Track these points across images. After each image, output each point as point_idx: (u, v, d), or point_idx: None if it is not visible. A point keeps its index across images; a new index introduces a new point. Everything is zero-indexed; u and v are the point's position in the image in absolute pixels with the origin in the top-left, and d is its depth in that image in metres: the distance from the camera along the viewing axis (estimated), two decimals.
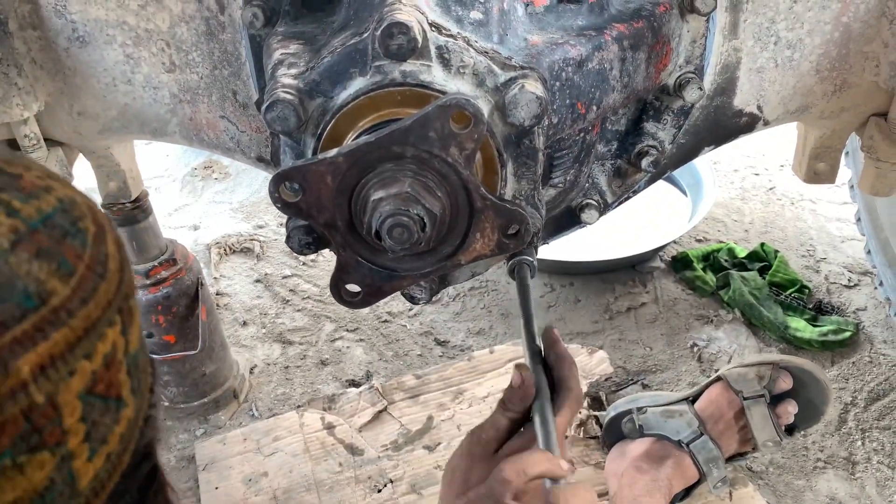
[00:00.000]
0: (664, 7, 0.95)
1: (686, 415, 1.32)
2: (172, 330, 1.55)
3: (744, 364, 1.35)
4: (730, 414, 1.30)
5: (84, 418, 0.38)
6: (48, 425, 0.36)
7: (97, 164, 1.27)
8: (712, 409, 1.31)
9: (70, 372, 0.37)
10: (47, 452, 0.36)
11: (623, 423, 1.37)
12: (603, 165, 1.10)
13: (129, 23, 1.04)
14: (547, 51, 0.83)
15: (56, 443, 0.36)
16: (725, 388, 1.32)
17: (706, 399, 1.33)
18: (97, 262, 0.39)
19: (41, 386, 0.35)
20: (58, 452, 0.37)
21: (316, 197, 0.74)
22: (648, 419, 1.34)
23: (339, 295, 0.82)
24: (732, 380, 1.32)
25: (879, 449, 1.54)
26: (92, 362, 0.38)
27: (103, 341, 0.39)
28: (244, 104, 1.08)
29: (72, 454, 0.37)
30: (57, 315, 0.36)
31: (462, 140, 0.71)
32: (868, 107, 1.12)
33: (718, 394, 1.32)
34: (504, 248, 0.78)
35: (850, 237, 2.11)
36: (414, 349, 1.88)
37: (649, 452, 1.30)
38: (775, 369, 1.31)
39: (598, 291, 1.99)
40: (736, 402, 1.30)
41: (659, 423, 1.33)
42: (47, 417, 0.36)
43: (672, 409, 1.34)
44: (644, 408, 1.36)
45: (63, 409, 0.37)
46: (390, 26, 0.70)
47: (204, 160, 2.66)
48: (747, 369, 1.33)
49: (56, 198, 0.39)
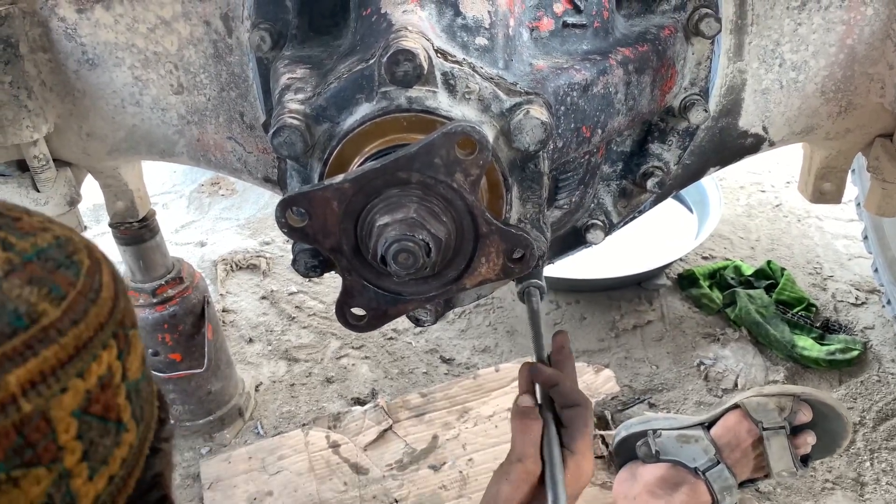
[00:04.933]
0: (669, 30, 0.96)
1: (702, 441, 1.31)
2: (178, 348, 1.55)
3: (763, 394, 1.34)
4: (747, 443, 1.30)
5: (80, 436, 0.39)
6: (42, 440, 0.37)
7: (105, 184, 1.28)
8: (729, 437, 1.31)
9: (62, 388, 0.38)
10: (43, 468, 0.37)
11: (638, 446, 1.35)
12: (608, 186, 1.10)
13: (137, 46, 1.05)
14: (552, 76, 0.83)
15: (52, 459, 0.37)
16: (744, 417, 1.31)
17: (723, 426, 1.32)
18: (90, 289, 0.41)
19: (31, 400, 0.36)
20: (54, 469, 0.37)
21: (322, 222, 0.74)
22: (664, 443, 1.33)
23: (345, 318, 0.82)
24: (751, 409, 1.31)
25: (888, 470, 1.53)
26: (85, 381, 0.39)
27: (97, 362, 0.40)
28: (251, 125, 1.09)
29: (69, 472, 0.38)
30: (46, 333, 0.38)
31: (467, 166, 0.71)
32: (873, 128, 1.12)
33: (736, 422, 1.31)
34: (509, 272, 0.78)
35: (857, 255, 2.11)
36: (419, 367, 1.88)
37: (664, 478, 1.29)
38: (796, 401, 1.31)
39: (604, 309, 1.99)
40: (754, 432, 1.30)
41: (675, 448, 1.32)
42: (40, 432, 0.37)
43: (687, 433, 1.33)
44: (658, 431, 1.35)
45: (56, 424, 0.37)
46: (396, 53, 0.71)
47: (211, 177, 2.68)
48: (767, 399, 1.32)
49: (52, 235, 0.41)
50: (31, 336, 0.37)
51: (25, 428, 0.36)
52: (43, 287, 0.39)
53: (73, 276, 0.40)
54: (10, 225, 0.40)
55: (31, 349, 0.37)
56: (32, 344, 0.37)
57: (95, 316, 0.41)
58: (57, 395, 0.38)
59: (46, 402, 0.37)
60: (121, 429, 0.41)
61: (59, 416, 0.38)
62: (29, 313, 0.38)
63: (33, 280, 0.38)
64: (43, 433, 0.37)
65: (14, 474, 0.36)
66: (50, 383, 0.37)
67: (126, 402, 0.42)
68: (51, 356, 0.38)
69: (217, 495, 1.51)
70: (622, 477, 1.38)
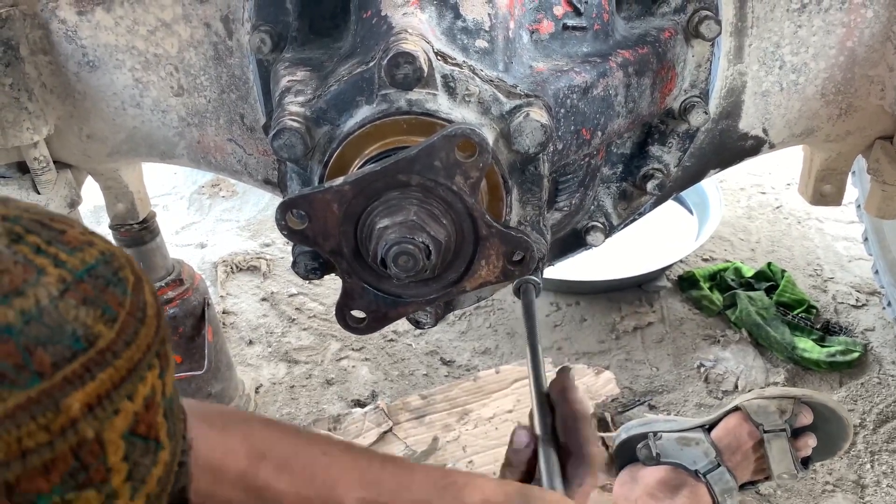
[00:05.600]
0: (669, 33, 0.96)
1: (703, 443, 1.31)
2: (178, 350, 1.55)
3: (764, 396, 1.34)
4: (748, 445, 1.30)
5: (126, 457, 0.39)
6: (94, 463, 0.37)
7: (105, 186, 1.28)
8: (730, 439, 1.31)
9: (115, 411, 0.38)
10: (93, 490, 0.37)
11: (638, 448, 1.35)
12: (608, 188, 1.10)
13: (138, 48, 1.05)
14: (552, 78, 0.83)
15: (101, 480, 0.38)
16: (744, 420, 1.31)
17: (723, 429, 1.32)
18: (137, 308, 0.41)
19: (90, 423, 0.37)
20: (103, 491, 0.38)
21: (322, 224, 0.74)
22: (664, 446, 1.33)
23: (345, 321, 0.82)
24: (752, 411, 1.31)
25: (889, 472, 1.53)
26: (134, 403, 0.40)
27: (144, 383, 0.41)
28: (251, 127, 1.09)
29: (115, 493, 0.39)
30: (103, 356, 0.38)
31: (467, 168, 0.71)
32: (873, 130, 1.12)
33: (737, 424, 1.31)
34: (509, 275, 0.78)
35: (857, 257, 2.10)
36: (419, 369, 1.88)
37: (665, 481, 1.29)
38: (797, 404, 1.31)
39: (604, 311, 1.99)
40: (755, 435, 1.30)
41: (675, 450, 1.32)
42: (94, 455, 0.37)
43: (688, 436, 1.33)
44: (659, 433, 1.35)
45: (108, 447, 0.38)
46: (396, 56, 0.71)
47: (211, 178, 2.68)
48: (768, 402, 1.32)
49: (98, 251, 0.42)
50: (89, 359, 0.38)
51: (82, 451, 0.37)
52: (97, 308, 0.39)
53: (122, 295, 0.41)
54: (57, 239, 0.40)
55: (90, 372, 0.37)
56: (91, 367, 0.37)
57: (144, 337, 0.41)
58: (110, 418, 0.38)
59: (101, 424, 0.38)
60: (159, 448, 0.42)
61: (110, 439, 0.38)
62: (87, 336, 0.38)
63: (87, 301, 0.39)
64: (96, 456, 0.37)
65: (68, 497, 0.36)
66: (105, 406, 0.38)
67: (163, 420, 0.42)
68: (106, 379, 0.38)
69: None
70: (622, 479, 1.38)
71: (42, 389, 0.35)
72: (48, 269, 0.38)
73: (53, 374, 0.36)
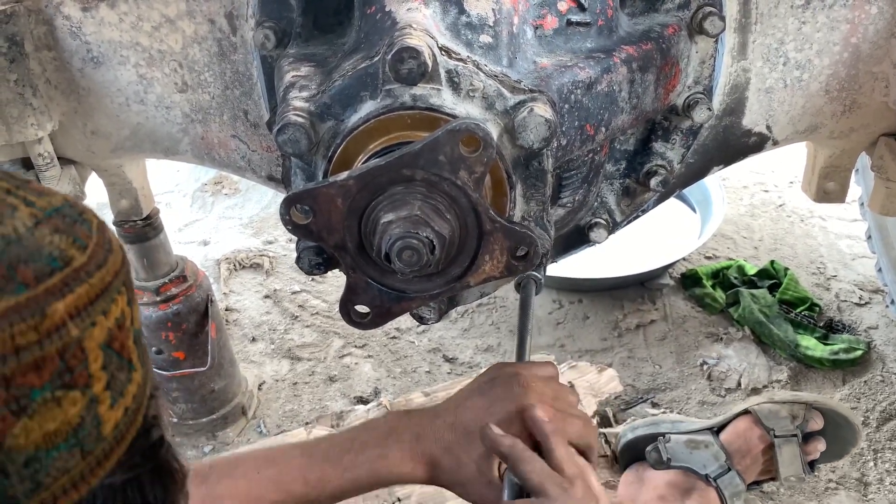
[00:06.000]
0: (673, 29, 0.96)
1: (712, 447, 1.30)
2: (182, 347, 1.55)
3: (774, 401, 1.34)
4: (758, 449, 1.30)
5: (105, 367, 0.44)
6: (78, 367, 0.42)
7: (109, 182, 1.28)
8: (740, 443, 1.30)
9: (93, 323, 0.44)
10: (78, 392, 0.43)
11: (648, 451, 1.34)
12: (612, 185, 1.10)
13: (142, 44, 1.05)
14: (556, 73, 0.83)
15: (84, 384, 0.43)
16: (755, 424, 1.31)
17: (733, 432, 1.32)
18: (104, 241, 0.47)
19: (72, 329, 0.42)
20: (87, 394, 0.43)
21: (326, 219, 0.74)
22: (672, 448, 1.32)
23: (349, 316, 0.83)
24: (763, 416, 1.31)
25: (892, 470, 1.52)
26: (108, 320, 0.45)
27: (115, 304, 0.46)
28: (255, 124, 1.09)
29: (97, 398, 0.44)
30: (78, 274, 0.43)
31: (471, 163, 0.71)
32: (878, 127, 1.11)
33: (747, 428, 1.31)
34: (513, 269, 0.78)
35: (860, 255, 2.10)
36: (422, 366, 1.88)
37: (674, 484, 1.29)
38: (808, 409, 1.31)
39: (607, 308, 1.99)
40: (766, 439, 1.30)
41: (684, 453, 1.31)
42: (77, 359, 0.42)
43: (697, 439, 1.32)
44: (668, 436, 1.34)
45: (89, 354, 0.43)
46: (401, 51, 0.71)
47: (214, 175, 2.68)
48: (779, 407, 1.32)
49: (62, 197, 0.47)
50: (66, 275, 0.43)
51: (66, 354, 0.42)
52: (69, 237, 0.44)
53: (88, 230, 0.46)
54: (25, 186, 0.46)
55: (68, 286, 0.42)
56: (69, 282, 0.43)
57: (112, 263, 0.46)
58: (89, 328, 0.43)
59: (82, 332, 0.43)
60: (132, 368, 0.47)
61: (90, 347, 0.43)
62: (62, 257, 0.43)
63: (59, 230, 0.44)
64: (79, 360, 0.43)
65: (57, 394, 0.41)
66: (84, 317, 0.43)
67: (134, 346, 0.48)
68: (83, 294, 0.43)
69: None
70: (628, 479, 1.37)
71: (29, 297, 0.40)
72: (20, 207, 0.43)
73: (37, 286, 0.41)
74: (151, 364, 0.53)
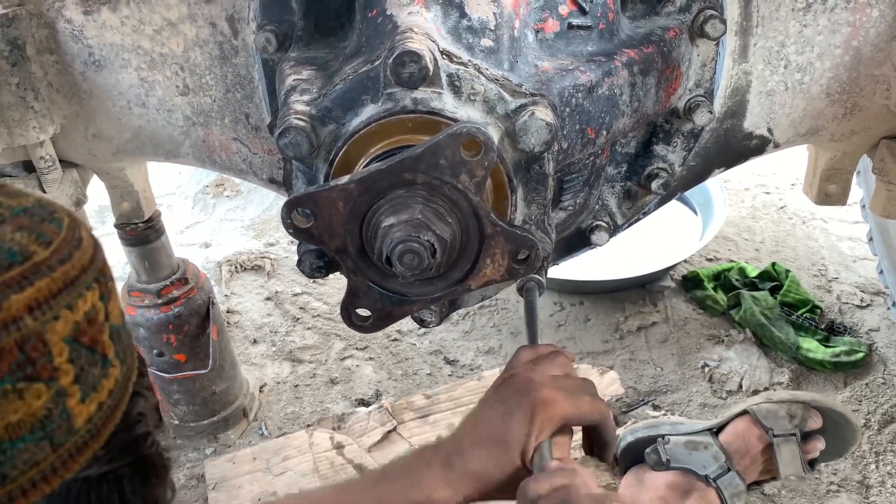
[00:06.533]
0: (674, 32, 0.96)
1: (711, 447, 1.31)
2: (183, 349, 1.55)
3: (773, 400, 1.34)
4: (757, 449, 1.30)
5: (72, 361, 0.44)
6: (40, 358, 0.43)
7: (111, 185, 1.28)
8: (739, 443, 1.30)
9: (54, 316, 0.43)
10: (42, 384, 0.43)
11: (647, 453, 1.35)
12: (613, 187, 1.10)
13: (144, 47, 1.05)
14: (557, 77, 0.83)
15: (49, 377, 0.43)
16: (754, 424, 1.31)
17: (732, 433, 1.32)
18: (72, 238, 0.47)
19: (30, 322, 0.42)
20: (52, 387, 0.43)
21: (327, 223, 0.74)
22: (672, 450, 1.32)
23: (350, 319, 0.83)
24: (762, 416, 1.31)
25: (894, 472, 1.52)
26: (74, 314, 0.45)
27: (83, 300, 0.46)
28: (257, 127, 1.09)
29: (65, 391, 0.44)
30: (38, 268, 0.44)
31: (472, 167, 0.71)
32: (879, 129, 1.12)
33: (746, 428, 1.31)
34: (514, 273, 0.78)
35: (862, 257, 2.10)
36: (423, 368, 1.88)
37: (674, 485, 1.29)
38: (806, 408, 1.31)
39: (608, 310, 1.99)
40: (765, 439, 1.30)
41: (683, 455, 1.31)
42: (38, 351, 0.42)
43: (696, 440, 1.32)
44: (667, 437, 1.34)
45: (52, 347, 0.43)
46: (402, 55, 0.71)
47: (215, 177, 2.69)
48: (777, 406, 1.32)
49: (35, 198, 0.48)
50: (25, 269, 0.43)
51: (26, 346, 0.42)
52: (32, 234, 0.44)
53: (57, 228, 0.46)
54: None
55: (27, 279, 0.43)
56: (28, 275, 0.43)
57: (79, 259, 0.46)
58: (50, 322, 0.43)
59: (42, 326, 0.43)
60: (107, 363, 0.47)
61: (53, 340, 0.43)
62: (22, 252, 0.43)
63: (23, 228, 0.44)
64: (41, 352, 0.43)
65: (18, 386, 0.41)
66: (44, 310, 0.43)
67: (110, 341, 0.48)
68: (43, 287, 0.43)
69: (221, 496, 1.51)
70: (628, 481, 1.37)
71: None
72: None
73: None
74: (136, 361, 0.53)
